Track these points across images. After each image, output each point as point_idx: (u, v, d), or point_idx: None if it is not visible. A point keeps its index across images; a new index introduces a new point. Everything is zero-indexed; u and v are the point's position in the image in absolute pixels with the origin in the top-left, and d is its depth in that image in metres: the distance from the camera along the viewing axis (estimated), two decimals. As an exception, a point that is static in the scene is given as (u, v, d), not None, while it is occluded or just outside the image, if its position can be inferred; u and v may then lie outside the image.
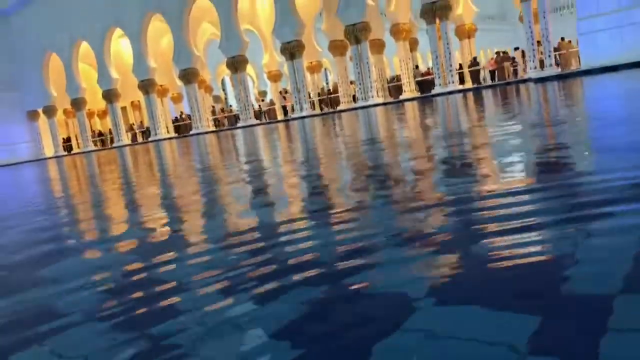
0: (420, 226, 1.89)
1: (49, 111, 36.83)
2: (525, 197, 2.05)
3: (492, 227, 1.69)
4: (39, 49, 35.92)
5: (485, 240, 1.57)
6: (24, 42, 37.12)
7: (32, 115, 38.15)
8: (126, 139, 34.50)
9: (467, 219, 1.87)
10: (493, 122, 6.29)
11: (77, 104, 34.84)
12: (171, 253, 2.10)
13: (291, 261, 1.70)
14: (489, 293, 1.19)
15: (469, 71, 24.77)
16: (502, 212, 1.87)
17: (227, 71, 30.78)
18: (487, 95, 15.68)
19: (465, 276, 1.32)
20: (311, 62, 30.09)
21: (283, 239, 2.05)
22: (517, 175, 2.60)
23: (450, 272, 1.36)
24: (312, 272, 1.54)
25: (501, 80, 24.76)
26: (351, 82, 28.50)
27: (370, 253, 1.65)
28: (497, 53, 27.86)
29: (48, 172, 13.33)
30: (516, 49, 26.54)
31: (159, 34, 33.07)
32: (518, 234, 1.57)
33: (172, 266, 1.91)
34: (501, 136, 4.41)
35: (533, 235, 1.55)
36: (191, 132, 30.57)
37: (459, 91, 22.00)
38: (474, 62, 26.27)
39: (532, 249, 1.44)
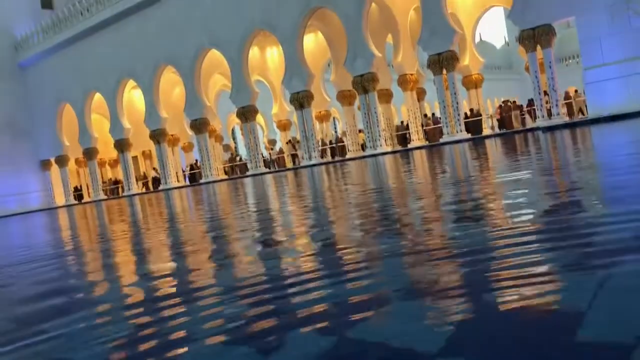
0: (431, 276, 1.86)
1: (61, 160, 37.34)
2: (536, 245, 2.03)
3: (505, 276, 1.67)
4: (53, 100, 36.75)
5: (497, 290, 1.54)
6: (39, 94, 38.04)
7: (45, 165, 38.68)
8: (136, 187, 34.77)
9: (479, 268, 1.84)
10: (502, 170, 6.29)
11: (89, 153, 35.34)
12: (178, 303, 2.07)
13: (299, 312, 1.68)
14: (502, 346, 1.16)
15: (471, 121, 24.94)
16: (513, 260, 1.85)
17: (238, 120, 31.26)
18: (495, 143, 15.74)
19: (478, 328, 1.29)
20: (320, 112, 30.52)
21: (291, 289, 2.02)
22: (526, 223, 2.58)
23: (462, 324, 1.33)
24: (320, 324, 1.52)
25: (509, 129, 24.92)
26: (360, 131, 28.80)
27: (381, 304, 1.62)
28: (504, 102, 28.16)
29: (59, 221, 13.39)
30: (530, 101, 26.78)
31: (171, 85, 33.82)
32: (531, 284, 1.54)
33: (180, 318, 1.88)
34: (510, 184, 4.40)
35: (546, 284, 1.52)
36: (201, 181, 30.78)
37: (467, 140, 22.12)
38: (475, 113, 26.53)
39: (545, 298, 1.41)
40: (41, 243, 7.30)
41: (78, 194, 38.92)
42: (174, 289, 2.44)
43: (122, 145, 33.60)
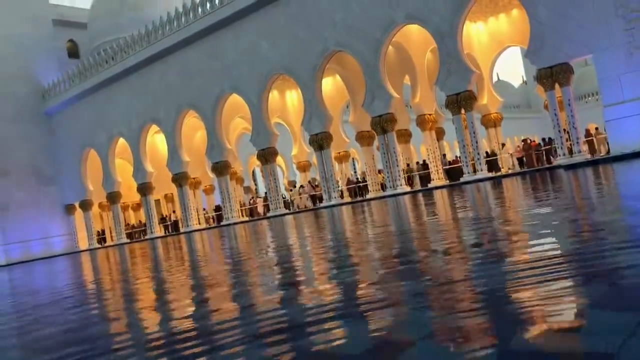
0: (454, 321, 1.85)
1: (85, 205, 37.89)
2: (564, 288, 2.01)
3: (533, 321, 1.65)
4: (78, 146, 37.57)
5: (526, 337, 1.52)
6: (64, 140, 38.96)
7: (69, 209, 39.26)
8: (158, 230, 35.00)
9: (505, 312, 1.83)
10: (524, 209, 6.24)
11: (113, 197, 35.83)
12: (200, 347, 2.08)
13: (321, 357, 1.68)
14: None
15: (488, 160, 24.81)
16: (540, 304, 1.83)
17: (258, 162, 31.56)
18: (517, 182, 15.62)
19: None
20: (339, 152, 30.70)
21: (312, 331, 2.02)
22: (552, 265, 2.55)
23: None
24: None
25: (530, 167, 24.74)
26: (379, 171, 28.82)
27: (402, 350, 1.62)
28: (524, 140, 28.03)
29: (84, 266, 13.50)
30: (544, 140, 26.65)
31: (193, 129, 34.39)
32: (559, 330, 1.53)
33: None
34: (532, 222, 4.36)
35: (574, 328, 1.50)
36: (222, 223, 30.91)
37: (488, 179, 21.99)
38: (490, 153, 26.42)
39: (576, 343, 1.40)
40: (66, 287, 7.36)
41: (100, 238, 39.28)
42: (195, 331, 2.45)
43: (144, 188, 34.04)
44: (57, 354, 2.55)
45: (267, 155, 28.33)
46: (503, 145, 28.29)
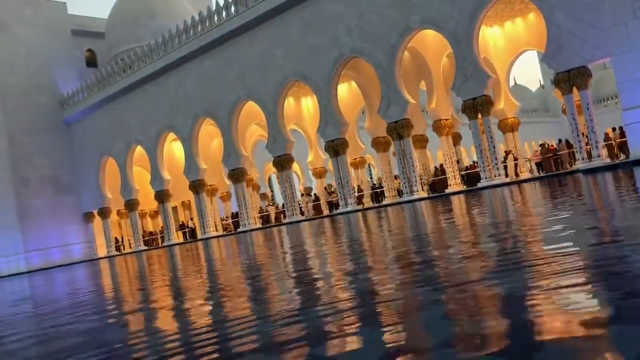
0: (472, 329, 1.83)
1: (104, 213, 38.28)
2: (583, 295, 1.98)
3: (552, 328, 1.63)
4: (97, 154, 38.02)
5: (546, 342, 1.50)
6: (82, 148, 39.46)
7: (88, 217, 39.70)
8: (176, 237, 35.22)
9: (524, 319, 1.80)
10: (543, 215, 6.17)
11: (131, 205, 36.16)
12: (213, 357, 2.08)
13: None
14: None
15: (504, 166, 24.58)
16: (559, 312, 1.80)
17: (274, 169, 31.66)
18: (536, 187, 15.47)
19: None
20: (355, 158, 30.67)
21: (331, 339, 2.01)
22: (573, 270, 2.51)
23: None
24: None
25: (548, 172, 24.50)
26: (395, 177, 28.73)
27: (420, 356, 1.60)
28: (542, 145, 27.78)
29: (104, 272, 13.62)
30: (560, 141, 26.42)
31: (209, 137, 34.64)
32: (578, 336, 1.50)
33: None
34: (553, 229, 4.31)
35: (595, 335, 1.47)
36: (239, 230, 31.01)
37: (506, 184, 21.81)
38: (506, 157, 26.20)
39: (596, 352, 1.37)
40: (92, 293, 7.43)
41: (118, 245, 39.63)
42: (214, 343, 2.45)
43: (162, 196, 34.32)
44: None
45: (283, 162, 28.40)
46: (508, 152, 28.15)
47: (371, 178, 47.59)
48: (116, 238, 39.73)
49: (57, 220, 38.95)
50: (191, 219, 38.09)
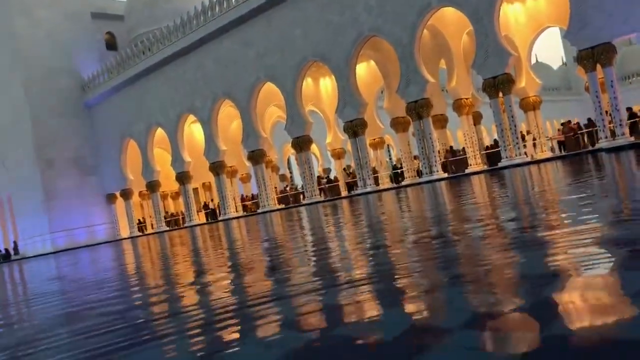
0: (493, 307, 1.84)
1: (126, 194, 38.80)
2: (605, 276, 1.97)
3: (574, 306, 1.63)
4: (118, 136, 38.42)
5: (565, 321, 1.50)
6: (104, 130, 39.89)
7: (110, 198, 40.28)
8: (197, 218, 35.58)
9: (544, 297, 1.81)
10: (567, 193, 6.11)
11: (152, 186, 36.57)
12: (235, 334, 2.13)
13: (357, 342, 1.69)
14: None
15: (525, 145, 24.29)
16: (583, 290, 1.80)
17: (293, 150, 31.69)
18: (559, 166, 15.29)
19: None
20: (374, 139, 30.54)
21: (349, 318, 2.04)
22: (596, 250, 2.51)
23: (526, 356, 1.31)
24: (378, 353, 1.53)
25: (570, 151, 24.16)
26: (415, 157, 28.57)
27: (441, 335, 1.62)
28: (563, 124, 27.37)
29: (128, 252, 13.85)
30: (589, 120, 25.92)
31: (229, 119, 34.76)
32: (600, 314, 1.51)
33: (237, 349, 1.93)
34: (576, 207, 4.27)
35: (613, 313, 1.48)
36: (259, 211, 31.22)
37: (527, 163, 21.57)
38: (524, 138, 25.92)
39: (616, 329, 1.37)
40: (116, 274, 7.57)
41: (141, 226, 40.19)
42: (233, 320, 2.49)
43: (183, 177, 34.64)
44: (104, 339, 2.63)
45: (301, 143, 28.41)
46: (528, 132, 27.80)
47: (390, 159, 47.39)
48: (139, 219, 40.27)
49: (81, 202, 39.61)
50: (212, 200, 38.47)
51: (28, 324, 3.73)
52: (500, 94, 22.20)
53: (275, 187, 35.56)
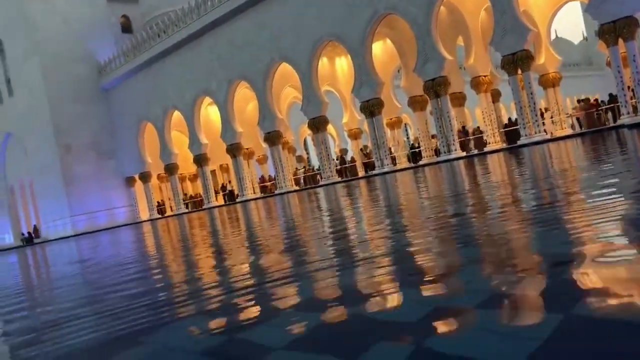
0: (514, 288, 1.82)
1: (145, 177, 39.16)
2: (627, 256, 1.94)
3: (594, 286, 1.61)
4: (135, 119, 38.66)
5: (588, 302, 1.48)
6: (121, 114, 40.17)
7: (129, 181, 40.71)
8: (215, 200, 35.83)
9: (566, 279, 1.78)
10: (588, 170, 6.02)
11: (170, 169, 36.85)
12: (255, 314, 2.14)
13: (378, 322, 1.69)
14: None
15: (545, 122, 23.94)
16: (605, 270, 1.77)
17: (309, 131, 31.64)
18: (579, 143, 15.07)
19: (566, 342, 1.25)
20: (391, 118, 30.33)
21: (370, 301, 2.03)
22: (617, 234, 2.46)
23: (549, 337, 1.29)
24: (399, 335, 1.52)
25: (590, 127, 23.78)
26: (432, 136, 28.36)
27: (461, 316, 1.60)
28: (582, 100, 26.96)
29: (148, 234, 14.01)
30: (611, 95, 25.42)
31: (245, 100, 34.74)
32: (624, 296, 1.48)
33: (257, 331, 1.94)
34: (599, 187, 4.21)
35: (637, 294, 1.45)
36: (276, 192, 31.33)
37: (547, 140, 21.30)
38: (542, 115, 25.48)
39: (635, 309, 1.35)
40: (141, 255, 7.67)
41: (160, 208, 40.61)
42: (253, 302, 2.51)
43: (200, 160, 34.84)
44: (128, 319, 2.66)
45: (317, 124, 28.33)
46: (546, 110, 27.34)
47: (408, 138, 47.12)
48: (158, 202, 40.68)
49: (100, 185, 40.09)
50: (229, 181, 38.69)
51: (52, 307, 3.80)
52: (519, 71, 21.86)
53: (296, 169, 35.65)
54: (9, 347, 2.62)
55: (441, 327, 1.54)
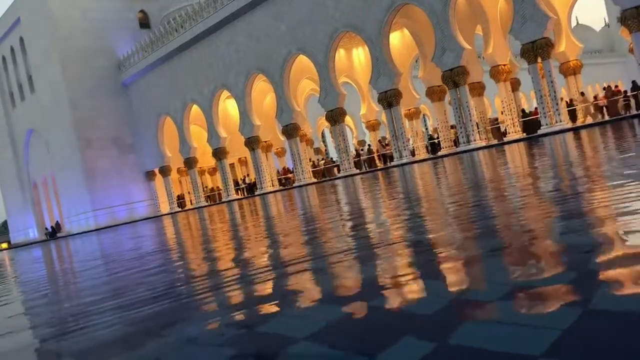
0: (535, 278, 1.80)
1: (164, 171, 39.54)
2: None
3: (618, 277, 1.59)
4: (154, 114, 39.00)
5: (610, 293, 1.46)
6: (140, 108, 40.55)
7: (149, 175, 41.13)
8: (234, 193, 36.06)
9: (587, 269, 1.76)
10: (614, 161, 5.93)
11: (189, 163, 37.15)
12: (277, 307, 2.15)
13: (398, 315, 1.69)
14: (616, 352, 1.11)
15: (568, 110, 23.60)
16: (628, 261, 1.75)
17: (327, 123, 31.61)
18: (600, 133, 14.84)
19: (587, 333, 1.24)
20: (409, 109, 30.18)
21: (387, 292, 2.03)
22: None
23: (569, 327, 1.28)
24: (419, 327, 1.52)
25: (614, 115, 23.40)
26: (452, 127, 28.15)
27: (481, 308, 1.60)
28: (606, 88, 26.50)
29: (170, 228, 14.15)
30: (634, 84, 24.96)
31: (262, 94, 34.83)
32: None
33: (275, 323, 1.95)
34: (626, 179, 4.14)
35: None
36: (294, 185, 31.40)
37: (568, 130, 21.01)
38: (570, 103, 25.10)
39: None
40: (164, 249, 7.75)
41: (180, 202, 40.99)
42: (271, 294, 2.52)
43: (219, 153, 35.04)
44: (148, 311, 2.70)
45: (335, 116, 28.29)
46: (582, 94, 26.79)
47: (426, 129, 46.83)
48: (178, 195, 41.05)
49: (121, 179, 40.59)
50: (247, 174, 38.87)
51: (76, 300, 3.86)
52: (539, 59, 21.57)
53: (313, 162, 35.66)
54: (36, 340, 2.67)
55: (463, 318, 1.53)
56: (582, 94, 26.54)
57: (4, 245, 56.94)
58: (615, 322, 1.26)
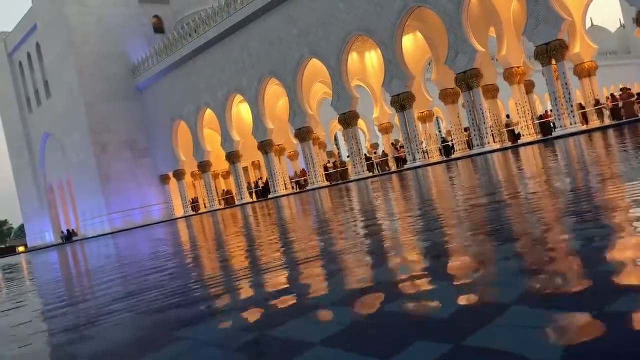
0: (548, 284, 1.80)
1: (179, 175, 39.78)
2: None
3: (632, 283, 1.58)
4: (168, 118, 39.27)
5: (624, 299, 1.45)
6: (155, 113, 40.85)
7: (164, 179, 41.40)
8: (248, 197, 36.17)
9: (602, 275, 1.75)
10: (628, 162, 5.87)
11: (204, 166, 37.34)
12: (289, 311, 2.16)
13: (411, 320, 1.69)
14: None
15: (581, 113, 23.38)
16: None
17: (340, 127, 31.62)
18: (616, 135, 14.68)
19: (602, 339, 1.23)
20: (422, 112, 30.09)
21: (403, 295, 2.03)
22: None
23: (585, 334, 1.28)
24: (433, 331, 1.52)
25: (630, 117, 23.15)
26: (465, 129, 28.02)
27: (496, 312, 1.59)
28: (622, 89, 26.23)
29: (184, 231, 14.23)
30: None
31: (275, 97, 34.93)
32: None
33: (289, 327, 1.96)
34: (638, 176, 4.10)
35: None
36: (308, 188, 31.42)
37: (583, 132, 20.82)
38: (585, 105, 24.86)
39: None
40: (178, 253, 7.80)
41: (194, 205, 41.19)
42: (286, 300, 2.53)
43: (233, 157, 35.19)
44: (163, 315, 2.72)
45: (348, 119, 28.29)
46: (598, 101, 26.61)
47: (440, 132, 46.66)
48: (192, 199, 41.26)
49: (136, 183, 40.91)
50: (260, 178, 38.97)
51: (92, 303, 3.90)
52: (554, 61, 21.41)
53: (326, 165, 35.64)
54: (52, 343, 2.70)
55: (476, 321, 1.53)
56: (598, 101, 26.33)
57: (21, 248, 57.66)
58: (627, 329, 1.25)
